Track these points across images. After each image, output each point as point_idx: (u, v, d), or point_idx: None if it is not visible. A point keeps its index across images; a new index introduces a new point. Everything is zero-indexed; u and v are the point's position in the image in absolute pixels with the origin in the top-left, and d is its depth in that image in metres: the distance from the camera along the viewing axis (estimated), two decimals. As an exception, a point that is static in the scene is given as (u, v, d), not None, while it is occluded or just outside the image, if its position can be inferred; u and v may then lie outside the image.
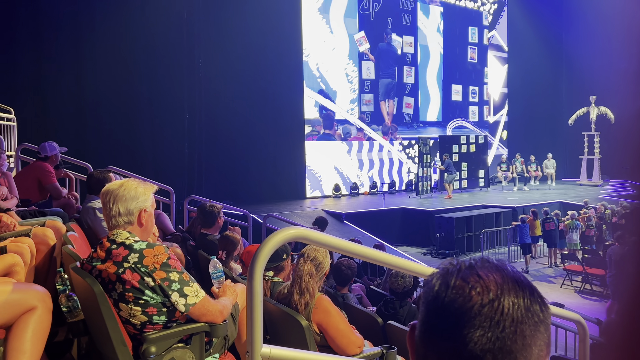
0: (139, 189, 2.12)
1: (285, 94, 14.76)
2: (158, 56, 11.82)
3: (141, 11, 11.48)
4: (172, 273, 2.01)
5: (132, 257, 2.00)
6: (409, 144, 18.19)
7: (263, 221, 8.27)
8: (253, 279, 1.44)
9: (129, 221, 2.09)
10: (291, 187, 14.96)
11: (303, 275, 2.57)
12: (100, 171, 3.94)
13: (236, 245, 3.76)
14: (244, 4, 13.34)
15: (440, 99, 19.55)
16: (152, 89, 11.81)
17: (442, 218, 12.40)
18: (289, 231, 1.48)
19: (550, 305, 0.72)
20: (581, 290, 9.72)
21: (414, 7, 18.40)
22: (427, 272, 1.97)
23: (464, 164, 17.38)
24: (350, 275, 3.72)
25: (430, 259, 11.86)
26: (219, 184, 12.81)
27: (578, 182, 19.52)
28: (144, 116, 11.73)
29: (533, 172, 18.48)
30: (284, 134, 14.72)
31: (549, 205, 13.63)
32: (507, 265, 0.72)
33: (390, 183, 17.47)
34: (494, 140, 21.62)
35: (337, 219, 12.32)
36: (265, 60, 14.00)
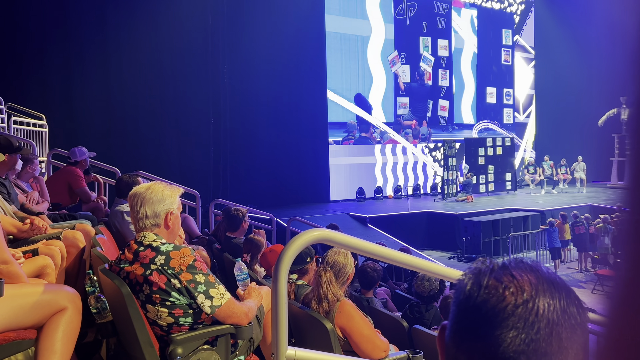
0: (165, 192, 2.15)
1: (309, 98, 14.81)
2: (183, 62, 12.01)
3: (166, 17, 11.69)
4: (198, 275, 2.02)
5: (159, 259, 2.02)
6: (435, 147, 18.07)
7: (287, 224, 8.30)
8: (278, 281, 1.44)
9: (155, 223, 2.12)
10: (315, 191, 14.98)
11: (321, 283, 2.56)
12: (128, 175, 4.01)
13: (261, 248, 3.78)
14: (268, 10, 13.46)
15: (474, 101, 19.44)
16: (178, 95, 12.01)
17: (468, 222, 12.22)
18: (312, 233, 1.48)
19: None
20: (613, 295, 9.45)
21: (449, 10, 18.47)
22: (452, 275, 1.94)
23: (490, 167, 17.14)
24: (376, 278, 3.69)
25: (456, 263, 11.70)
26: (243, 187, 12.92)
27: (609, 184, 19.01)
28: (170, 121, 11.93)
29: (562, 175, 18.09)
30: (308, 137, 14.77)
31: (579, 208, 13.31)
32: (542, 266, 0.70)
33: (415, 186, 17.34)
34: (521, 143, 21.27)
35: (362, 222, 12.27)
36: (288, 62, 14.08)
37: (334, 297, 2.56)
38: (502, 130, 20.35)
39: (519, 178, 18.88)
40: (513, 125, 21.07)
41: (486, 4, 19.95)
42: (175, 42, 11.86)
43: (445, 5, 18.42)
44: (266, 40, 13.41)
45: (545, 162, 18.02)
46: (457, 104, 18.99)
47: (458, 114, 19.02)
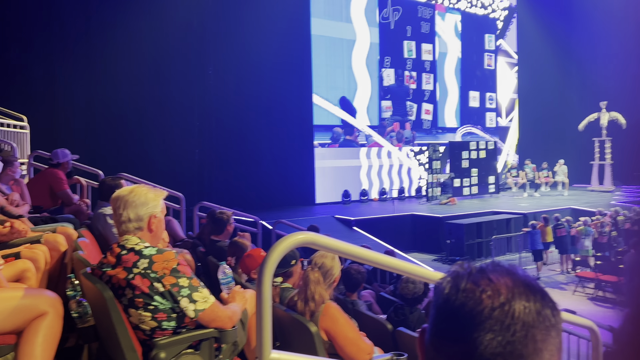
0: (149, 195, 2.13)
1: (294, 101, 14.84)
2: (168, 64, 11.94)
3: (151, 19, 11.60)
4: (182, 279, 2.01)
5: (142, 262, 2.01)
6: (420, 150, 18.21)
7: (273, 227, 8.28)
8: (262, 284, 1.44)
9: (138, 227, 2.10)
10: (301, 194, 14.98)
11: (309, 283, 2.57)
12: (111, 178, 3.97)
13: (245, 251, 3.76)
14: (253, 12, 13.44)
15: (458, 105, 19.66)
16: (162, 97, 11.92)
17: (452, 224, 12.33)
18: (297, 236, 1.48)
19: (562, 311, 0.72)
20: (594, 297, 9.60)
21: (432, 15, 18.67)
22: (436, 278, 1.96)
23: (474, 170, 17.31)
24: (360, 280, 3.70)
25: (440, 265, 11.78)
26: (229, 190, 12.86)
27: (589, 188, 19.32)
28: (155, 123, 11.83)
29: (544, 178, 18.34)
30: (294, 140, 14.78)
31: (560, 211, 13.51)
32: (518, 269, 0.71)
33: (400, 189, 17.44)
34: (503, 146, 21.54)
35: (347, 225, 12.30)
36: (274, 65, 14.07)
37: (320, 297, 2.57)
38: (485, 134, 20.58)
39: (502, 181, 19.10)
40: (496, 129, 21.32)
41: (470, 9, 20.18)
42: (159, 43, 11.78)
43: (429, 10, 18.60)
44: (252, 42, 13.38)
45: (527, 166, 18.25)
46: (441, 108, 19.16)
47: (442, 118, 19.20)
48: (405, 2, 17.86)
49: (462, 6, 19.84)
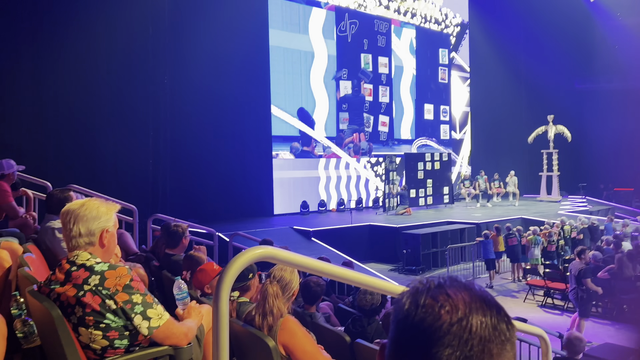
0: (101, 209, 2.06)
1: (253, 112, 14.76)
2: (122, 72, 11.63)
3: (105, 26, 11.29)
4: (135, 295, 1.95)
5: (93, 279, 1.93)
6: (377, 161, 18.47)
7: (229, 240, 8.16)
8: (219, 299, 1.41)
9: (90, 242, 2.02)
10: (259, 205, 14.87)
11: (267, 297, 2.54)
12: (60, 190, 3.82)
13: (201, 264, 3.69)
14: (211, 20, 13.33)
15: (413, 117, 20.07)
16: (115, 106, 11.58)
17: (408, 234, 12.53)
18: (255, 251, 1.46)
19: (514, 320, 0.74)
20: (543, 304, 9.94)
21: (388, 29, 19.07)
22: (394, 290, 1.98)
23: (429, 181, 17.69)
24: (319, 293, 3.69)
25: (397, 275, 11.93)
26: (184, 202, 12.61)
27: (538, 198, 20.10)
28: (107, 133, 11.46)
29: (495, 189, 18.94)
30: (252, 151, 14.68)
31: (511, 221, 13.98)
32: (475, 285, 0.73)
33: (357, 200, 17.61)
34: (457, 158, 22.15)
35: (305, 236, 12.29)
36: (233, 75, 13.97)
37: (278, 311, 2.54)
38: (440, 146, 21.11)
39: (456, 192, 19.60)
40: (450, 141, 21.92)
41: (424, 24, 20.76)
42: (113, 51, 11.47)
43: (385, 24, 19.00)
44: (209, 52, 13.25)
45: (480, 177, 18.82)
46: (397, 120, 19.53)
47: (398, 130, 19.57)
48: (362, 16, 18.18)
49: (416, 21, 20.38)
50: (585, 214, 14.97)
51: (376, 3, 18.78)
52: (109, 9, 11.26)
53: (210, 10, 13.32)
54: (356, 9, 18.01)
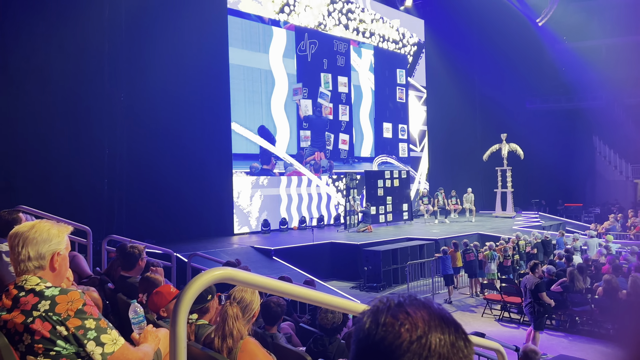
0: (52, 231, 1.98)
1: (213, 129, 14.62)
2: (76, 89, 11.33)
3: (59, 42, 11.02)
4: (88, 320, 1.87)
5: (43, 304, 1.85)
6: (337, 178, 18.61)
7: (188, 260, 7.99)
8: (176, 323, 1.38)
9: (39, 266, 1.94)
10: (218, 224, 14.66)
11: (227, 318, 2.48)
12: (8, 212, 3.65)
13: (158, 287, 3.58)
14: (170, 38, 13.21)
15: (373, 135, 20.39)
16: (68, 123, 11.23)
17: (369, 251, 12.60)
18: (214, 272, 1.44)
19: (471, 335, 0.76)
20: (500, 318, 10.15)
21: (347, 49, 19.41)
22: (356, 308, 1.98)
23: (389, 198, 17.93)
24: (280, 313, 3.65)
25: (358, 292, 11.95)
26: (141, 222, 12.28)
27: (494, 214, 20.68)
28: (60, 152, 11.08)
29: (453, 205, 19.37)
30: (212, 169, 14.50)
31: (468, 236, 14.29)
32: (434, 303, 0.75)
33: (319, 217, 17.63)
34: (416, 175, 22.58)
35: (266, 255, 12.17)
36: (191, 93, 13.83)
37: (238, 333, 2.49)
38: (399, 164, 21.49)
39: (415, 208, 19.93)
40: (408, 159, 22.36)
41: (382, 44, 21.25)
42: (67, 68, 11.17)
43: (344, 45, 19.36)
44: (168, 69, 13.10)
45: (438, 193, 19.21)
46: (358, 138, 19.80)
47: (358, 148, 19.83)
48: (321, 36, 18.45)
49: (374, 41, 20.84)
50: (538, 229, 15.47)
51: (335, 23, 19.11)
52: (63, 25, 11.01)
53: (168, 27, 13.20)
54: (316, 29, 18.27)
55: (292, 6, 17.45)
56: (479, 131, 24.83)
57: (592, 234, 14.22)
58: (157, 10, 12.97)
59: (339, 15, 19.30)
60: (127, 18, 12.32)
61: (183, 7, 13.58)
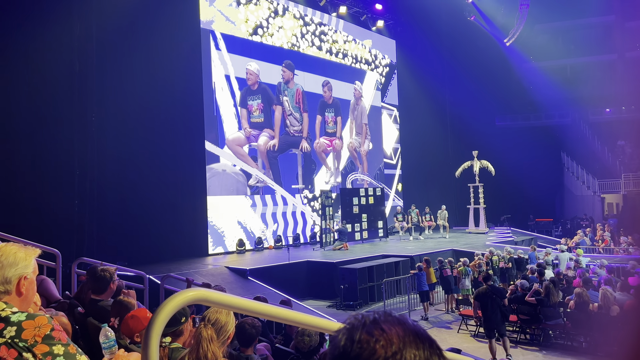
0: (18, 255, 1.92)
1: (186, 148, 14.48)
2: (45, 108, 11.12)
3: (27, 59, 10.82)
4: (56, 346, 1.81)
5: (9, 330, 1.78)
6: (313, 196, 18.59)
7: (161, 282, 7.83)
8: (149, 347, 1.35)
9: (5, 290, 1.87)
10: (192, 245, 14.44)
11: (201, 341, 2.43)
12: (-28, 235, 3.53)
13: (131, 310, 3.50)
14: (142, 56, 13.10)
15: (347, 153, 20.71)
16: (37, 144, 10.98)
17: (345, 269, 12.57)
18: (187, 294, 1.42)
19: (447, 352, 0.77)
20: (475, 334, 10.21)
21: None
22: (332, 327, 1.97)
23: (364, 216, 18.00)
24: (255, 334, 3.60)
25: (335, 311, 11.88)
26: (113, 244, 12.01)
27: (467, 230, 20.94)
28: (28, 172, 10.81)
29: (427, 222, 19.56)
30: (185, 189, 14.33)
31: (443, 252, 14.43)
32: (408, 319, 0.75)
33: (294, 236, 17.55)
34: (390, 192, 22.76)
35: (242, 275, 12.03)
36: (164, 112, 13.72)
37: (213, 356, 2.44)
38: (373, 181, 21.64)
39: (390, 225, 20.04)
40: (383, 176, 22.55)
41: (355, 65, 21.55)
42: (36, 87, 10.97)
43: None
44: (140, 88, 12.97)
45: (412, 210, 19.38)
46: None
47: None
48: (295, 55, 18.61)
49: (347, 62, 21.14)
50: (511, 244, 15.72)
51: (309, 44, 19.31)
52: (33, 42, 10.83)
53: (140, 46, 13.12)
54: (290, 49, 18.42)
55: (266, 28, 17.59)
56: (451, 148, 25.27)
57: (562, 249, 14.50)
58: (129, 28, 12.89)
59: (312, 37, 19.53)
60: (98, 36, 12.19)
61: (155, 25, 13.53)
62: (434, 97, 24.80)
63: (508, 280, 12.81)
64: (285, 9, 18.35)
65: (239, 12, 16.64)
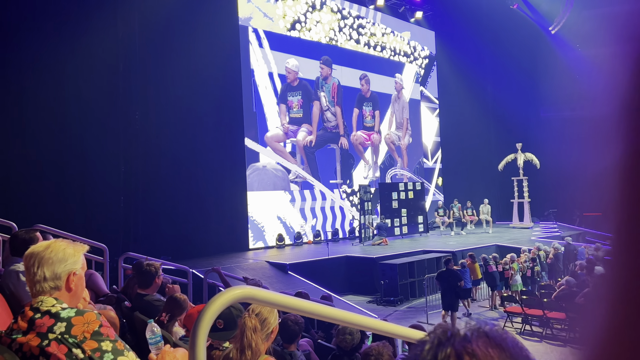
0: (67, 251, 1.95)
1: (227, 144, 14.67)
2: (91, 107, 11.47)
3: (73, 62, 11.17)
4: (105, 342, 1.82)
5: (59, 326, 1.80)
6: (352, 191, 18.51)
7: (204, 276, 7.95)
8: (195, 347, 1.32)
9: (55, 286, 1.90)
10: (234, 239, 14.63)
11: (245, 330, 2.38)
12: (25, 231, 3.65)
13: (185, 309, 3.52)
14: (183, 54, 13.32)
15: (386, 147, 20.53)
16: (84, 142, 11.35)
17: (385, 265, 12.45)
18: (233, 292, 1.39)
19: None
20: (522, 331, 9.92)
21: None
22: (374, 326, 1.90)
23: (404, 210, 17.77)
24: (298, 331, 3.58)
25: (375, 307, 11.79)
26: (157, 238, 12.30)
27: (511, 225, 20.37)
28: (76, 170, 11.19)
29: (469, 216, 19.14)
30: (226, 184, 14.52)
31: (486, 248, 14.09)
32: (508, 338, 0.63)
33: (333, 231, 17.51)
34: (430, 187, 22.39)
35: (282, 269, 12.10)
36: (204, 110, 13.92)
37: (257, 348, 2.39)
38: (413, 175, 21.34)
39: (430, 220, 19.72)
40: (423, 170, 22.20)
41: (394, 57, 21.25)
42: (81, 87, 11.33)
43: (357, 58, 19.44)
44: (182, 85, 13.21)
45: (454, 205, 19.00)
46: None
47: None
48: (333, 50, 18.53)
49: (386, 55, 20.87)
50: (557, 239, 15.18)
51: (346, 38, 19.18)
52: (77, 44, 11.18)
53: (182, 44, 13.34)
54: (328, 43, 18.34)
55: (303, 22, 17.56)
56: (494, 141, 24.60)
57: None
58: (170, 27, 13.13)
59: (350, 30, 19.37)
60: (140, 37, 12.48)
61: (195, 23, 13.72)
62: (475, 88, 24.18)
63: (555, 277, 12.41)
64: (322, 2, 18.26)
65: (276, 7, 16.67)
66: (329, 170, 18.03)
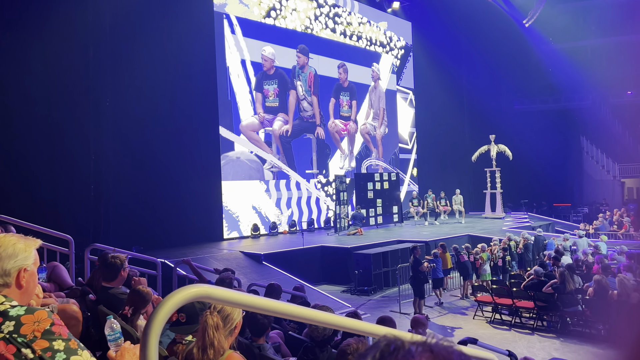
0: (17, 246, 1.85)
1: (200, 134, 14.43)
2: (59, 94, 11.11)
3: (42, 48, 10.80)
4: (57, 341, 1.74)
5: (7, 325, 1.71)
6: (327, 182, 18.49)
7: (174, 267, 7.82)
8: (147, 348, 1.26)
9: (4, 283, 1.81)
10: (207, 229, 14.48)
11: (207, 328, 2.33)
12: (-19, 222, 3.50)
13: (148, 302, 3.44)
14: (155, 40, 13.01)
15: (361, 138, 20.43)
16: (53, 129, 11.01)
17: (360, 255, 12.50)
18: (187, 291, 1.32)
19: (465, 347, 0.63)
20: (491, 320, 10.10)
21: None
22: (343, 324, 1.87)
23: (379, 201, 17.86)
24: (267, 324, 3.54)
25: (349, 296, 11.85)
26: (129, 229, 12.08)
27: (483, 215, 20.69)
28: (43, 157, 10.85)
29: (442, 207, 19.35)
30: (199, 174, 14.32)
31: (459, 238, 14.27)
32: (454, 352, 0.62)
33: (309, 221, 17.51)
34: (405, 177, 22.55)
35: (256, 260, 12.03)
36: (178, 98, 13.66)
37: (219, 345, 2.34)
38: (388, 166, 21.44)
39: (405, 211, 19.88)
40: (398, 161, 22.32)
41: (370, 47, 21.21)
42: (50, 73, 10.96)
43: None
44: (154, 72, 12.91)
45: (428, 196, 19.18)
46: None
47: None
48: (310, 38, 18.38)
49: (362, 45, 20.80)
50: (528, 230, 15.48)
51: (322, 27, 19.04)
52: (46, 29, 10.79)
53: (154, 30, 13.02)
54: (304, 32, 18.18)
55: (279, 10, 17.35)
56: (468, 132, 24.89)
57: (580, 234, 14.24)
58: (142, 12, 12.79)
59: (326, 19, 19.23)
60: (111, 22, 12.13)
61: (168, 9, 13.41)
62: (450, 80, 24.36)
63: (525, 267, 12.65)
64: (299, -10, 18.07)
65: (252, -6, 16.43)
66: (305, 160, 17.97)
